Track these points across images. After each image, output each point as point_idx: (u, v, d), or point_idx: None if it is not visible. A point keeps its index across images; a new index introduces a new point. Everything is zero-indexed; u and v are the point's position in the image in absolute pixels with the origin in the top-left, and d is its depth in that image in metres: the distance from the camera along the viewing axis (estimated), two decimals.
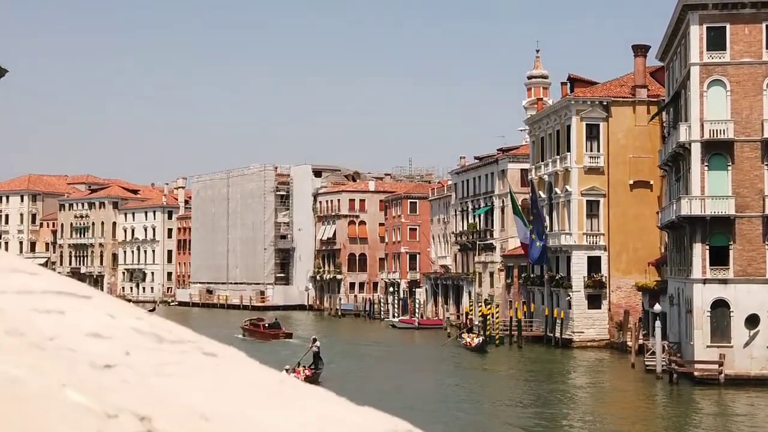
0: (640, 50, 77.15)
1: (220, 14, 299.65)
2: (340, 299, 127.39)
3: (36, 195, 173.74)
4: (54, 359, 1.10)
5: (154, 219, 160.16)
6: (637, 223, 74.59)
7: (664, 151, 64.52)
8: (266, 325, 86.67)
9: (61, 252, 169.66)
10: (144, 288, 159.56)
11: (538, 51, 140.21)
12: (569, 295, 75.38)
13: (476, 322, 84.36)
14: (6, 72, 60.52)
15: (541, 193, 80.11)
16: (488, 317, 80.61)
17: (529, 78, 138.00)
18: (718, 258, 54.48)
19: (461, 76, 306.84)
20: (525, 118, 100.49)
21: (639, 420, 44.75)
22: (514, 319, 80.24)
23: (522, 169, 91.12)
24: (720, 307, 54.00)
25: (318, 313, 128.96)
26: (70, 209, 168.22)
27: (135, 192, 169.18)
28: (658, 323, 57.77)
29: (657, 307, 60.45)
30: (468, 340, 74.75)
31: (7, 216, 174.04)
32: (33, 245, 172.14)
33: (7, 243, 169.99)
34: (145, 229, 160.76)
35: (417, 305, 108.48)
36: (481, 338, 74.07)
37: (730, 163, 54.71)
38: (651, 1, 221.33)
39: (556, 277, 77.78)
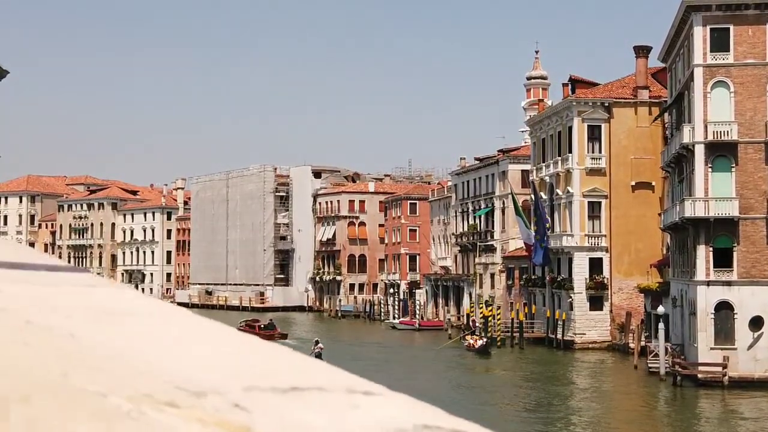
0: (642, 51, 76.92)
1: (219, 14, 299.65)
2: (339, 300, 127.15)
3: (35, 196, 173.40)
4: None
5: (153, 220, 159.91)
6: (639, 224, 74.43)
7: (667, 152, 64.34)
8: (261, 326, 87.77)
9: (60, 253, 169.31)
10: (143, 289, 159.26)
11: (537, 52, 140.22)
12: (571, 297, 75.21)
13: (478, 324, 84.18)
14: (7, 73, 60.07)
15: (542, 194, 79.96)
16: (489, 319, 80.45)
17: (529, 79, 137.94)
18: (722, 260, 54.29)
19: (461, 77, 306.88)
20: (524, 119, 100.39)
21: (644, 422, 44.62)
22: (516, 321, 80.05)
23: (523, 170, 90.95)
24: (724, 309, 53.83)
25: (318, 314, 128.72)
26: (69, 210, 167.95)
27: (134, 193, 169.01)
28: (661, 325, 57.61)
29: (660, 309, 60.26)
30: (471, 341, 74.60)
31: (5, 217, 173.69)
32: (32, 246, 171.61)
33: None
34: (144, 230, 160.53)
35: (417, 306, 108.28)
36: (484, 340, 73.91)
37: (733, 165, 54.54)
38: (652, 2, 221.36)
39: (558, 279, 77.59)
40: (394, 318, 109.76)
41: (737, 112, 54.53)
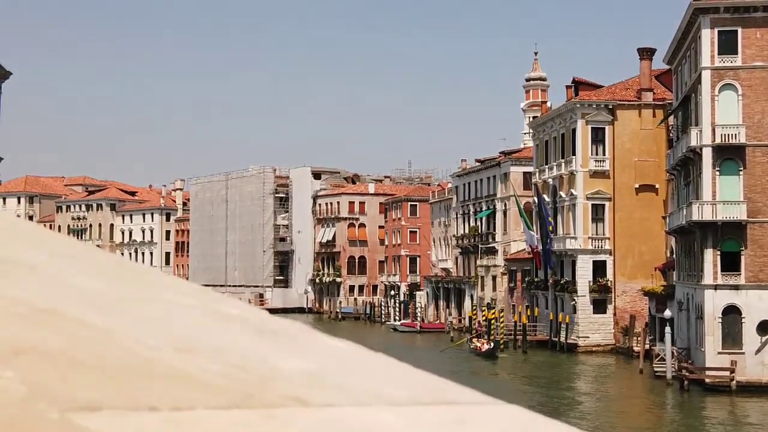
0: (646, 53, 76.61)
1: (219, 15, 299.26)
2: (339, 302, 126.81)
3: (33, 197, 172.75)
4: None
5: (152, 221, 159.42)
6: (643, 227, 74.15)
7: (673, 155, 64.01)
8: None
9: None
10: None
11: (536, 53, 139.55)
12: (574, 300, 74.88)
13: (482, 327, 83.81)
14: (9, 74, 59.25)
15: (545, 196, 79.70)
16: (493, 322, 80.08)
17: (528, 80, 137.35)
18: (730, 263, 53.96)
19: (461, 78, 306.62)
20: (524, 120, 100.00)
21: (652, 427, 44.32)
22: (519, 324, 79.68)
23: (524, 173, 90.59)
24: (731, 313, 53.52)
25: (318, 316, 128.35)
26: (67, 211, 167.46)
27: (133, 194, 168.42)
28: (667, 329, 57.29)
29: (667, 313, 59.89)
30: (478, 344, 74.30)
31: None
32: None
33: None
34: (143, 231, 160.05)
35: (418, 308, 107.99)
36: (491, 344, 73.54)
37: (741, 168, 54.21)
38: (654, 4, 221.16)
39: (561, 282, 77.25)
40: (394, 320, 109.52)
41: (745, 115, 54.22)
